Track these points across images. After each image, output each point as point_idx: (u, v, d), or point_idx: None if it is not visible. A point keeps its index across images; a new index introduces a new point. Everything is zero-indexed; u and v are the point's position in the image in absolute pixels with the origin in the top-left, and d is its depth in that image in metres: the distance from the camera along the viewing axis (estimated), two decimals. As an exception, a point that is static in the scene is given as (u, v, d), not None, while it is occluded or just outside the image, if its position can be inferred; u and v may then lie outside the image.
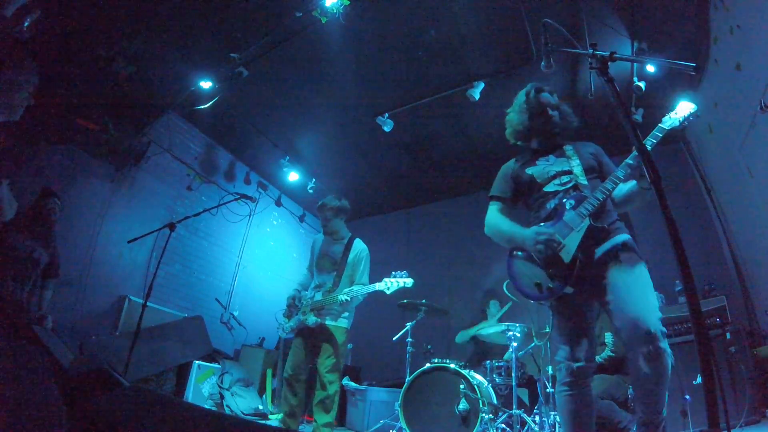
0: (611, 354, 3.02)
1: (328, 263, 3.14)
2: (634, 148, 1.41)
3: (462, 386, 3.09)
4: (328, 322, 2.95)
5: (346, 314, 3.04)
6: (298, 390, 2.93)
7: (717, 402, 1.02)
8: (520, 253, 1.83)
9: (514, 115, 2.06)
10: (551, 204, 1.80)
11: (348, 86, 4.56)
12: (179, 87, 4.50)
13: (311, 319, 2.91)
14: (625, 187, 1.77)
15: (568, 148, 1.93)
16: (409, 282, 2.92)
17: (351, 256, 3.10)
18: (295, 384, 2.92)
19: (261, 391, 4.82)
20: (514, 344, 3.24)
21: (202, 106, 4.57)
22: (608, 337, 3.09)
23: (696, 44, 3.63)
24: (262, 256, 6.15)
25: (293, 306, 3.09)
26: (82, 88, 3.91)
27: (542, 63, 1.72)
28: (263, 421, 4.06)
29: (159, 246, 4.19)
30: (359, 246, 3.18)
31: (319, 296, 2.99)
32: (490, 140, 5.29)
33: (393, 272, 2.94)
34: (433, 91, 4.55)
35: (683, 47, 3.68)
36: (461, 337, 4.64)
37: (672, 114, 1.76)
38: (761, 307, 3.52)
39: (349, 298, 2.88)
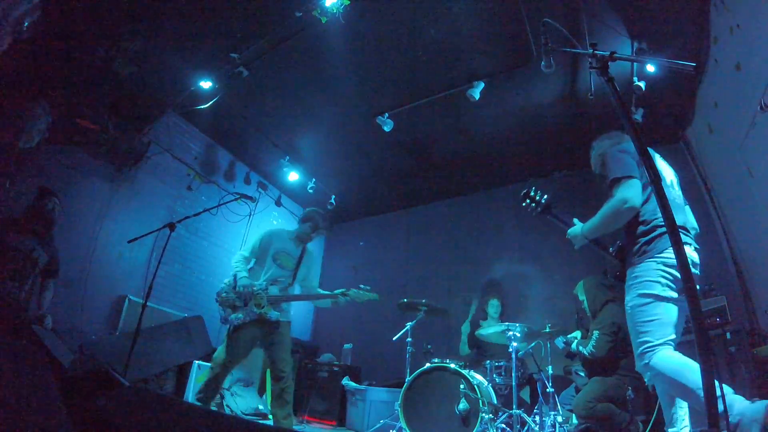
0: (593, 351, 3.01)
1: (286, 260, 3.21)
2: None
3: (462, 386, 3.09)
4: (282, 318, 3.01)
5: (290, 310, 3.19)
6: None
7: (717, 402, 1.03)
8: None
9: None
10: None
11: (348, 86, 4.56)
12: (179, 87, 4.50)
13: (273, 314, 2.94)
14: None
15: None
16: (374, 296, 3.08)
17: (306, 257, 3.32)
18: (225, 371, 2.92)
19: (261, 391, 4.82)
20: (514, 344, 3.24)
21: (202, 106, 4.57)
22: (595, 334, 3.07)
23: (696, 44, 3.63)
24: (262, 256, 6.13)
25: (247, 295, 2.99)
26: (82, 88, 3.91)
27: (542, 63, 1.74)
28: (263, 421, 4.06)
29: (159, 246, 4.18)
30: (312, 248, 3.45)
31: (275, 290, 3.01)
32: (490, 140, 5.29)
33: (360, 285, 3.12)
34: (433, 91, 4.54)
35: (683, 47, 3.67)
36: (463, 349, 4.66)
37: None
38: (761, 307, 3.52)
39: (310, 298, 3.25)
